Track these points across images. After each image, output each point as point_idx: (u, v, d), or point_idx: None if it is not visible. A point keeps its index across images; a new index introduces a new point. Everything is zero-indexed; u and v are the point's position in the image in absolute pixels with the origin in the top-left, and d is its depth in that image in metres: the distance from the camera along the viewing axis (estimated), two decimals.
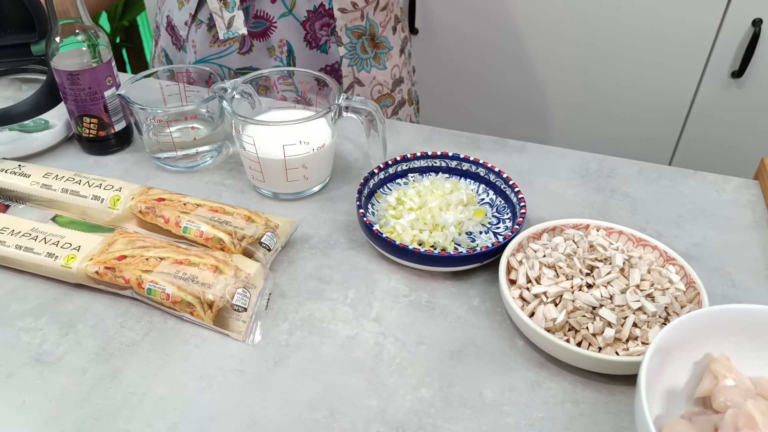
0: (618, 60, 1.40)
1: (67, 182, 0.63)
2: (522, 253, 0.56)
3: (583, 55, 1.42)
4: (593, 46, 1.40)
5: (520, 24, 1.43)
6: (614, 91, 1.45)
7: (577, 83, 1.46)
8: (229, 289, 0.53)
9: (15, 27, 0.73)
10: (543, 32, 1.42)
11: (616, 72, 1.42)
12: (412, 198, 0.61)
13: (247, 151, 0.64)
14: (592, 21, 1.37)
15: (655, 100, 1.43)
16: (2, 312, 0.55)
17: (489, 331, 0.54)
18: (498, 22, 1.44)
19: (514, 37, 1.45)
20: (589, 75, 1.44)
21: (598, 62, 1.42)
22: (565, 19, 1.38)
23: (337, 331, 0.54)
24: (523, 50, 1.46)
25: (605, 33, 1.37)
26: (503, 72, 1.50)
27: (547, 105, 1.53)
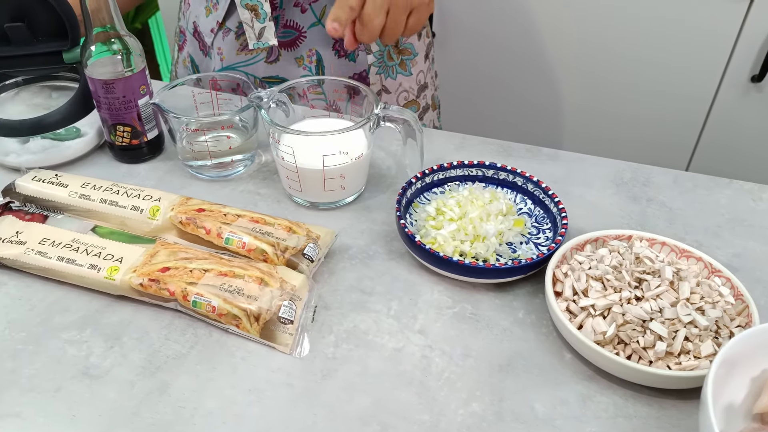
0: (637, 63, 1.40)
1: (105, 192, 0.62)
2: (567, 265, 0.56)
3: (602, 59, 1.42)
4: (611, 49, 1.39)
5: (537, 26, 1.43)
6: (632, 95, 1.44)
7: (595, 86, 1.46)
8: (275, 302, 0.53)
9: (47, 34, 0.73)
10: (561, 34, 1.42)
11: (635, 75, 1.41)
12: (452, 208, 0.61)
13: (286, 161, 0.63)
14: (611, 24, 1.36)
15: (673, 104, 1.43)
16: (46, 324, 0.55)
17: (536, 343, 0.54)
18: (515, 24, 1.43)
19: (531, 40, 1.45)
20: (607, 78, 1.44)
21: (616, 65, 1.41)
22: (583, 21, 1.38)
23: (383, 343, 0.53)
24: (539, 52, 1.46)
25: (624, 36, 1.37)
26: (520, 74, 1.50)
27: (563, 108, 1.53)
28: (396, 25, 0.67)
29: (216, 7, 0.84)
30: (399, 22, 0.67)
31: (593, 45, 1.40)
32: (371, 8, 0.65)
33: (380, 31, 0.67)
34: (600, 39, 1.39)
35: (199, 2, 0.88)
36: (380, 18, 0.66)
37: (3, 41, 0.72)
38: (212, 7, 0.85)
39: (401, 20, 0.67)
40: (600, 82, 1.45)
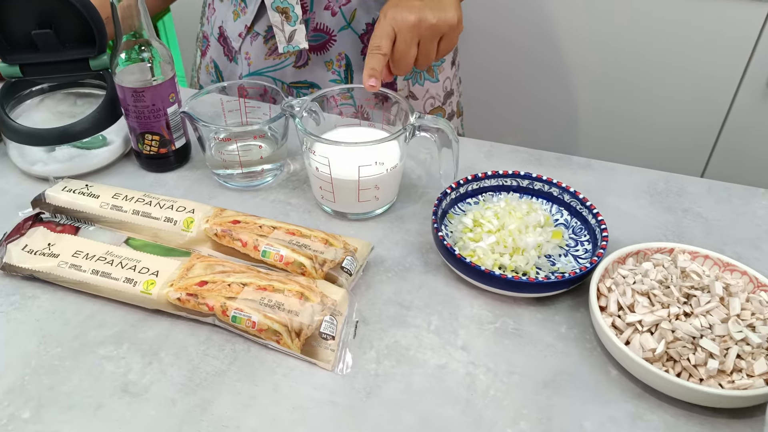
0: (654, 68, 1.39)
1: (137, 203, 0.62)
2: (610, 279, 0.55)
3: (618, 62, 1.41)
4: (628, 53, 1.39)
5: (553, 30, 1.42)
6: (649, 99, 1.43)
7: (611, 90, 1.45)
8: (316, 317, 0.52)
9: (73, 41, 0.72)
10: (577, 38, 1.41)
11: (652, 80, 1.41)
12: (490, 220, 0.60)
13: (320, 172, 0.63)
14: (629, 29, 1.36)
15: (690, 109, 1.42)
16: (82, 339, 0.54)
17: (580, 359, 0.53)
18: (531, 28, 1.43)
19: (547, 44, 1.44)
20: (623, 82, 1.43)
21: (632, 69, 1.40)
22: (601, 25, 1.37)
23: (426, 360, 0.52)
24: (556, 56, 1.45)
25: (641, 40, 1.36)
26: (535, 78, 1.49)
27: (578, 111, 1.52)
28: (428, 54, 0.68)
29: (244, 11, 0.84)
30: (430, 50, 0.68)
31: (609, 49, 1.39)
32: (403, 46, 0.66)
33: (413, 62, 0.68)
34: (617, 43, 1.38)
35: (226, 7, 0.87)
36: (412, 51, 0.67)
37: (30, 48, 0.71)
38: (240, 11, 0.84)
39: (432, 48, 0.68)
40: (616, 86, 1.44)
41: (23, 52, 0.71)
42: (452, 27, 0.68)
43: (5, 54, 0.71)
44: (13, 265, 0.58)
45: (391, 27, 0.66)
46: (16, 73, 0.72)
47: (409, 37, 0.66)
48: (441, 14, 0.66)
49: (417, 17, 0.65)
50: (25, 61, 0.72)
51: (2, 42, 0.70)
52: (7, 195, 0.70)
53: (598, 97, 1.47)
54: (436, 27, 0.67)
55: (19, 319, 0.55)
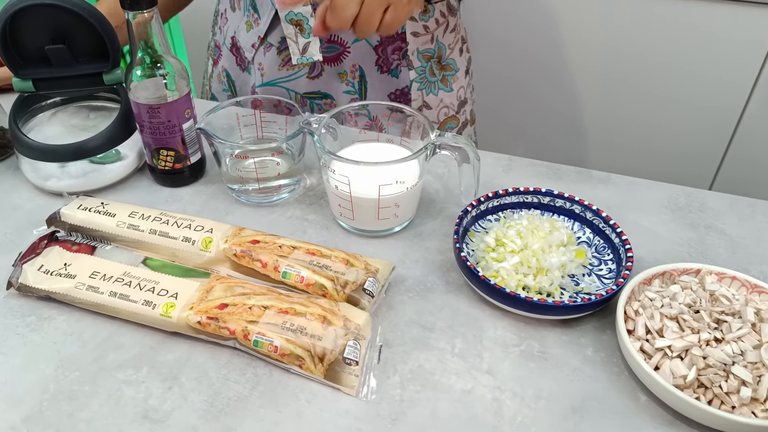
0: (666, 74, 1.38)
1: (155, 222, 0.61)
2: (637, 302, 0.54)
3: (628, 68, 1.40)
4: (639, 58, 1.38)
5: (562, 34, 1.41)
6: (660, 106, 1.43)
7: (621, 96, 1.45)
8: (340, 341, 0.51)
9: (87, 56, 0.71)
10: (585, 42, 1.40)
11: (663, 86, 1.40)
12: (513, 239, 0.59)
13: (339, 190, 0.62)
14: (639, 33, 1.35)
15: (702, 114, 1.41)
16: (101, 362, 0.53)
17: (608, 384, 0.52)
18: (540, 33, 1.42)
19: (556, 49, 1.43)
20: (634, 87, 1.42)
21: (643, 75, 1.40)
22: (609, 29, 1.36)
23: (451, 384, 0.51)
24: (564, 61, 1.44)
25: (652, 46, 1.35)
26: (545, 84, 1.49)
27: (588, 116, 1.51)
28: (369, 17, 0.61)
29: (258, 22, 0.83)
30: (373, 15, 0.61)
31: (619, 54, 1.38)
32: None
33: (352, 22, 0.62)
34: (626, 47, 1.37)
35: (239, 17, 0.86)
36: (353, 6, 0.60)
37: (44, 63, 0.70)
38: (253, 22, 0.83)
39: (376, 13, 0.62)
40: (626, 91, 1.43)
41: (36, 66, 0.70)
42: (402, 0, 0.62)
43: (18, 69, 0.70)
44: (29, 285, 0.57)
45: None
46: (29, 87, 0.71)
47: None
48: None
49: None
50: (38, 75, 0.71)
51: (15, 57, 0.69)
52: (20, 211, 0.69)
53: (607, 102, 1.46)
54: None
55: (36, 341, 0.55)
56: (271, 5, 0.80)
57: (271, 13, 0.80)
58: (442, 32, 0.86)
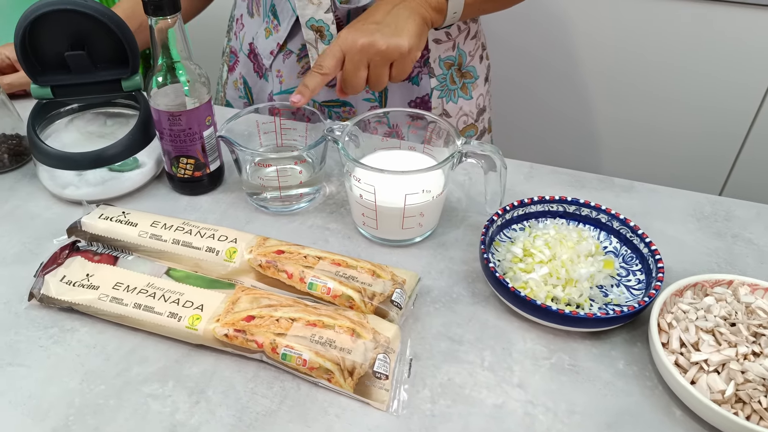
0: (678, 76, 1.37)
1: (177, 232, 0.60)
2: (670, 314, 0.53)
3: (640, 71, 1.39)
4: (649, 61, 1.37)
5: (573, 39, 1.40)
6: (672, 108, 1.42)
7: (633, 99, 1.44)
8: (369, 355, 0.50)
9: (106, 62, 0.71)
10: (595, 44, 1.39)
11: (677, 89, 1.39)
12: (541, 250, 0.59)
13: (364, 199, 0.61)
14: (652, 37, 1.34)
15: (714, 118, 1.40)
16: (125, 376, 0.52)
17: (641, 398, 0.51)
18: (551, 37, 1.41)
19: (567, 53, 1.42)
20: (645, 90, 1.41)
21: (654, 77, 1.39)
22: (623, 33, 1.36)
23: (482, 399, 0.51)
24: (575, 65, 1.43)
25: (666, 49, 1.34)
26: (555, 88, 1.48)
27: (599, 119, 1.50)
28: (378, 77, 0.68)
29: (277, 29, 0.82)
30: (381, 74, 0.67)
31: (630, 57, 1.38)
32: (350, 67, 0.66)
33: (365, 83, 0.68)
34: (639, 51, 1.36)
35: (257, 24, 0.85)
36: (361, 74, 0.66)
37: (62, 69, 0.69)
38: (273, 28, 0.82)
39: (383, 73, 0.67)
40: (638, 95, 1.42)
41: (55, 73, 0.70)
42: (402, 54, 0.66)
43: (36, 75, 0.69)
44: (52, 297, 0.56)
45: (339, 47, 0.65)
46: (48, 94, 0.70)
47: (357, 59, 0.65)
48: (392, 40, 0.65)
49: (366, 41, 0.64)
50: (57, 82, 0.70)
51: (34, 63, 0.69)
52: (38, 219, 0.68)
53: (618, 105, 1.46)
54: (385, 53, 0.65)
55: (59, 354, 0.54)
56: (291, 12, 0.79)
57: (292, 20, 0.80)
58: (463, 39, 0.85)
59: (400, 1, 0.68)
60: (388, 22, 0.66)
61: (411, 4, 0.67)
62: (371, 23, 0.66)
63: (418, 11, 0.67)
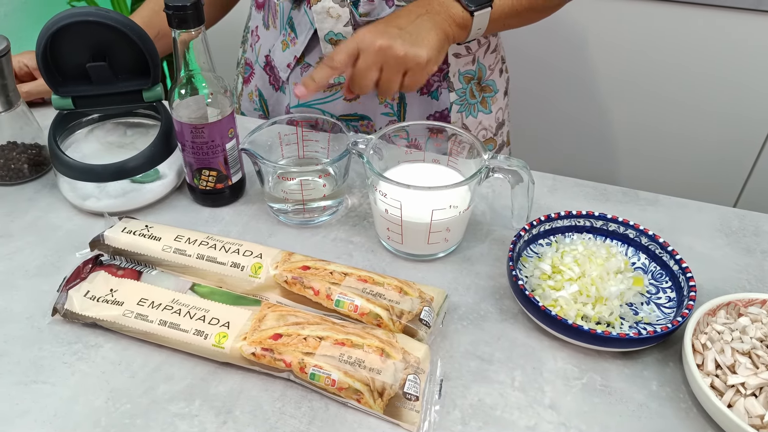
0: (695, 84, 1.36)
1: (201, 246, 0.59)
2: (704, 335, 0.52)
3: (656, 79, 1.38)
4: (668, 69, 1.36)
5: (588, 48, 1.39)
6: (690, 115, 1.41)
7: (648, 107, 1.43)
8: (399, 375, 0.49)
9: (127, 73, 0.70)
10: (611, 54, 1.38)
11: (693, 96, 1.38)
12: (570, 267, 0.58)
13: (390, 214, 0.60)
14: (669, 44, 1.33)
15: (731, 126, 1.39)
16: (152, 394, 0.51)
17: (676, 421, 0.50)
18: (567, 47, 1.40)
19: (582, 62, 1.41)
20: (663, 98, 1.40)
21: (673, 86, 1.38)
22: (639, 40, 1.35)
23: (514, 420, 0.50)
24: (589, 74, 1.43)
25: (683, 56, 1.33)
26: (572, 98, 1.47)
27: (615, 129, 1.49)
28: (389, 83, 0.65)
29: (294, 42, 0.81)
30: (393, 81, 0.65)
31: (645, 63, 1.37)
32: (363, 66, 0.64)
33: (375, 86, 0.66)
34: (654, 59, 1.35)
35: (273, 36, 0.84)
36: (372, 75, 0.64)
37: (83, 80, 0.69)
38: (290, 41, 0.82)
39: (395, 79, 0.65)
40: (653, 102, 1.41)
41: (76, 84, 0.69)
42: (419, 64, 0.64)
43: (58, 86, 0.69)
44: (76, 312, 0.56)
45: (355, 44, 0.64)
46: (69, 105, 0.70)
47: (371, 60, 0.63)
48: (411, 49, 0.63)
49: (385, 43, 0.63)
50: (78, 93, 0.69)
51: (55, 74, 0.68)
52: (59, 231, 0.68)
53: (633, 114, 1.45)
54: (402, 59, 0.63)
55: (84, 371, 0.53)
56: (309, 25, 0.78)
57: (309, 33, 0.79)
58: (483, 53, 0.84)
59: (426, 12, 0.67)
60: (411, 30, 0.65)
61: (436, 18, 0.66)
62: (393, 27, 0.65)
63: (442, 26, 0.67)
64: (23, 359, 0.54)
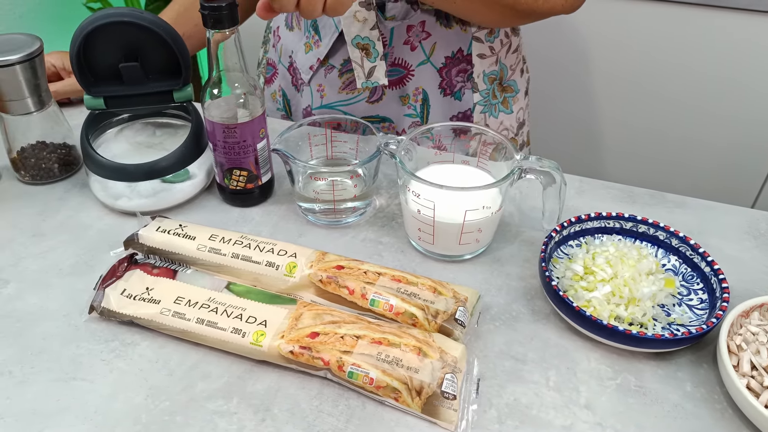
0: (712, 87, 1.36)
1: (236, 246, 0.60)
2: (739, 336, 0.53)
3: (674, 81, 1.38)
4: (685, 72, 1.36)
5: (599, 50, 1.39)
6: (706, 118, 1.41)
7: (662, 110, 1.43)
8: (437, 374, 0.50)
9: (158, 73, 0.71)
10: (624, 55, 1.38)
11: (709, 99, 1.38)
12: (603, 268, 0.58)
13: (422, 214, 0.61)
14: (685, 46, 1.33)
15: (748, 130, 1.39)
16: (190, 392, 0.52)
17: (712, 421, 0.50)
18: (582, 48, 1.40)
19: (593, 63, 1.42)
20: (678, 101, 1.40)
21: (688, 88, 1.38)
22: (655, 41, 1.35)
23: (550, 420, 0.50)
24: (600, 76, 1.43)
25: (698, 58, 1.33)
26: (588, 99, 1.47)
27: (632, 131, 1.49)
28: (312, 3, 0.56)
29: (318, 44, 0.81)
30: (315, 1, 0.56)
31: (660, 65, 1.37)
32: None
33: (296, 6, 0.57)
34: (670, 61, 1.36)
35: (297, 38, 0.85)
36: None
37: (115, 80, 0.69)
38: (313, 44, 0.82)
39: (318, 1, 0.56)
40: (669, 105, 1.41)
41: (107, 84, 0.70)
42: None
43: (90, 86, 0.69)
44: (112, 310, 0.56)
45: None
46: (100, 105, 0.70)
47: None
48: None
49: None
50: (110, 93, 0.70)
51: (88, 75, 0.69)
52: (91, 230, 0.68)
53: (649, 116, 1.45)
54: None
55: (122, 368, 0.54)
56: (334, 28, 0.78)
57: (334, 36, 0.79)
58: (505, 53, 0.85)
59: None
60: None
61: None
62: None
63: None
64: (62, 356, 0.54)
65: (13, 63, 0.66)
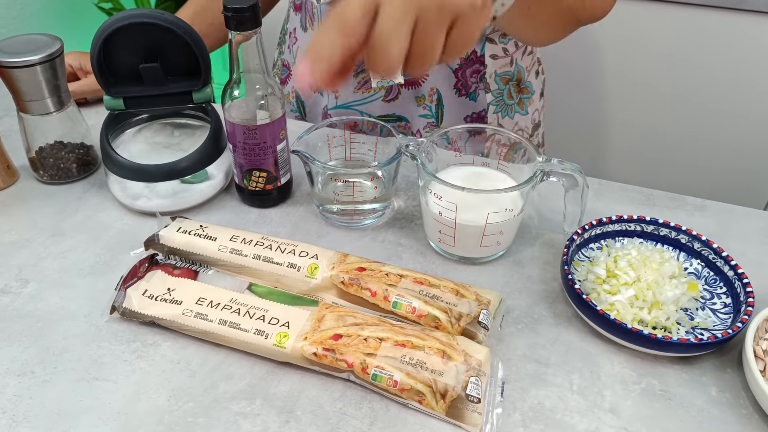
0: (724, 88, 1.35)
1: (257, 247, 0.60)
2: (765, 341, 0.52)
3: (685, 82, 1.38)
4: (697, 73, 1.35)
5: (614, 52, 1.39)
6: (719, 120, 1.40)
7: (675, 111, 1.42)
8: (461, 377, 0.49)
9: (177, 74, 0.71)
10: (638, 57, 1.38)
11: (722, 100, 1.37)
12: (626, 271, 0.58)
13: (443, 216, 0.60)
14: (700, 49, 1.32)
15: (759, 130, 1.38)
16: (213, 393, 0.52)
17: (738, 426, 0.50)
18: (596, 49, 1.40)
19: (609, 63, 1.41)
20: (690, 102, 1.40)
21: (700, 89, 1.37)
22: (669, 43, 1.34)
23: (574, 424, 0.50)
24: (617, 76, 1.42)
25: (713, 60, 1.33)
26: (600, 100, 1.47)
27: (643, 132, 1.49)
28: (429, 46, 0.42)
29: None
30: (433, 40, 0.41)
31: (672, 66, 1.36)
32: (386, 24, 0.40)
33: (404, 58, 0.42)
34: (683, 61, 1.35)
35: (310, 38, 0.85)
36: (401, 40, 0.40)
37: (134, 80, 0.70)
38: None
39: (436, 37, 0.41)
40: (681, 106, 1.41)
41: (127, 84, 0.70)
42: (473, 5, 0.41)
43: (110, 87, 0.69)
44: (134, 311, 0.56)
45: None
46: (120, 105, 0.70)
47: (400, 12, 0.39)
48: None
49: None
50: (129, 94, 0.70)
51: (108, 75, 0.69)
52: (110, 230, 0.68)
53: (660, 116, 1.44)
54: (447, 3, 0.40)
55: (145, 369, 0.54)
56: None
57: None
58: (520, 55, 0.84)
59: None
60: None
61: None
62: None
63: None
64: (84, 356, 0.54)
65: (34, 63, 0.66)
